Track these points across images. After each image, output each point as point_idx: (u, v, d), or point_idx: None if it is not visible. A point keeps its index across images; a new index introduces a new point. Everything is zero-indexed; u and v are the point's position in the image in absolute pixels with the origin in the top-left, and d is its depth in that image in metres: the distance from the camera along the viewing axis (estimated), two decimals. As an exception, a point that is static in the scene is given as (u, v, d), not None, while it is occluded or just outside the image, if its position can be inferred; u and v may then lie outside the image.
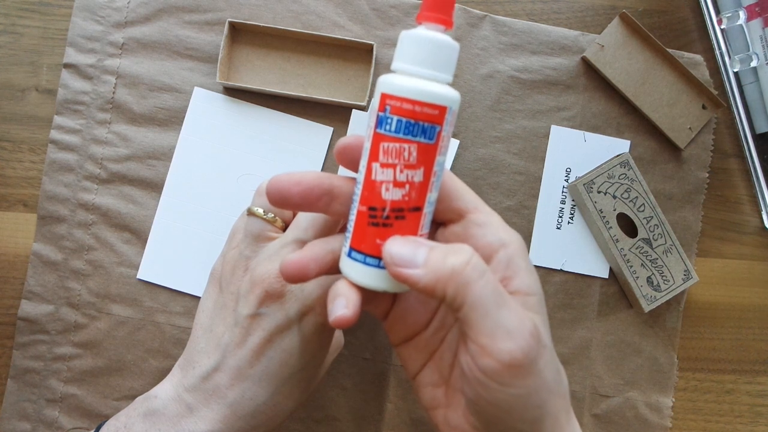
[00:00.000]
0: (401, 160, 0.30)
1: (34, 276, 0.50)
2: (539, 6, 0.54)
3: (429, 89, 0.29)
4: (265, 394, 0.38)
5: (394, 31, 0.52)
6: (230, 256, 0.41)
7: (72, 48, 0.51)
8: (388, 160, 0.30)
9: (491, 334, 0.29)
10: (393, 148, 0.30)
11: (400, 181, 0.30)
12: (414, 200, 0.30)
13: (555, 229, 0.52)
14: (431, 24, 0.30)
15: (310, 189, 0.32)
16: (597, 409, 0.52)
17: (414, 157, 0.30)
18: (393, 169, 0.30)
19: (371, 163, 0.30)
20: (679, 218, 0.53)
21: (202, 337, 0.40)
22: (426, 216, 0.31)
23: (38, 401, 0.50)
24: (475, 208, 0.33)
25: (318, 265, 0.33)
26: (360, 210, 0.31)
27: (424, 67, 0.30)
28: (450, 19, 0.30)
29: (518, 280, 0.32)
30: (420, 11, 0.30)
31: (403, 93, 0.29)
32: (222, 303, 0.40)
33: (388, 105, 0.29)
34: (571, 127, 0.53)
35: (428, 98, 0.29)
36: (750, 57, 0.52)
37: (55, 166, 0.51)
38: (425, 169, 0.30)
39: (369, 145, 0.31)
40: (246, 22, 0.50)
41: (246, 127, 0.51)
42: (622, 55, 0.52)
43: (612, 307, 0.53)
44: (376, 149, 0.30)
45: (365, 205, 0.31)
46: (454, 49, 0.30)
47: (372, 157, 0.30)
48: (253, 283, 0.38)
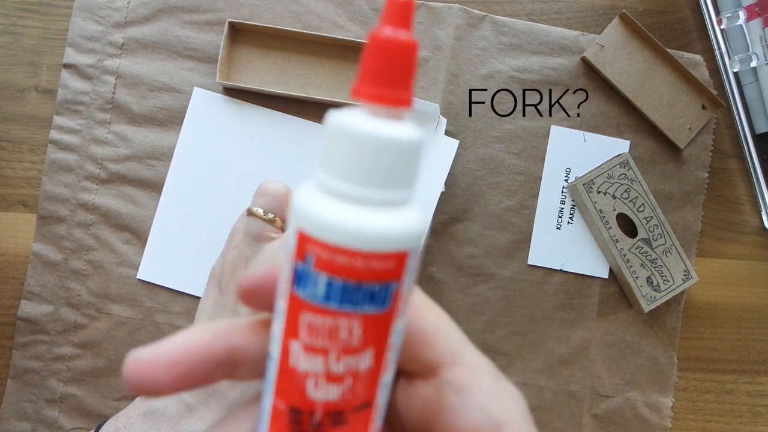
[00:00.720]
0: (337, 344, 0.19)
1: (34, 276, 0.50)
2: (539, 6, 0.54)
3: (380, 229, 0.18)
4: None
5: (394, 31, 0.52)
6: (230, 257, 0.41)
7: (72, 48, 0.51)
8: (315, 343, 0.19)
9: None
10: (323, 326, 0.19)
11: (337, 373, 0.19)
12: (360, 396, 0.20)
13: (555, 229, 0.52)
14: (379, 107, 0.19)
15: (190, 368, 0.20)
16: (597, 409, 0.52)
17: (358, 338, 0.19)
18: (324, 356, 0.19)
19: (288, 341, 0.19)
20: (678, 218, 0.53)
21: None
22: (379, 408, 0.21)
23: (38, 401, 0.50)
24: (453, 360, 0.21)
25: (180, 373, 0.20)
26: (277, 407, 0.20)
27: (368, 186, 0.18)
28: (409, 95, 0.19)
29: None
30: (359, 80, 0.19)
31: (336, 238, 0.18)
32: (222, 303, 0.40)
33: (311, 254, 0.18)
34: (570, 127, 0.53)
35: (379, 245, 0.18)
36: (750, 57, 0.52)
37: (55, 166, 0.51)
38: (376, 348, 0.19)
39: (284, 307, 0.19)
40: (246, 22, 0.50)
41: (246, 128, 0.51)
42: (621, 55, 0.52)
43: (612, 307, 0.53)
44: (295, 321, 0.19)
45: (284, 402, 0.20)
46: (416, 148, 0.19)
47: (289, 332, 0.19)
48: None
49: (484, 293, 0.52)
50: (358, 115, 0.19)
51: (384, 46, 0.18)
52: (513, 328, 0.52)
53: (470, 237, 0.52)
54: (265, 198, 0.40)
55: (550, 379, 0.52)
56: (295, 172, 0.51)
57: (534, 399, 0.52)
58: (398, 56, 0.18)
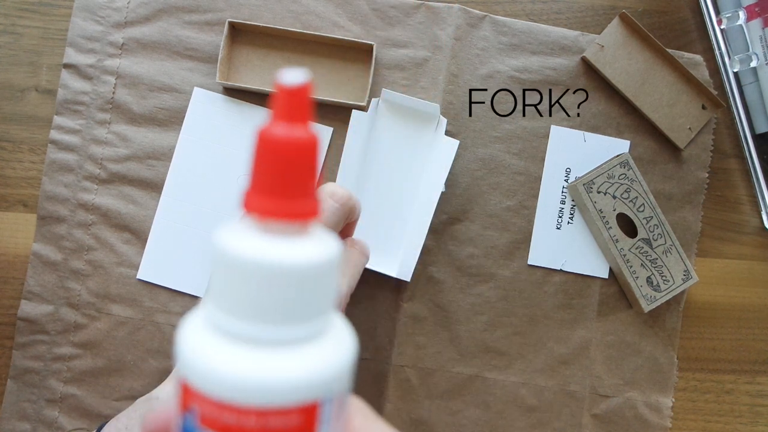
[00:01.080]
0: None
1: (33, 276, 0.50)
2: (539, 6, 0.54)
3: (275, 377, 0.14)
4: None
5: (394, 31, 0.52)
6: None
7: (72, 48, 0.51)
8: None
9: None
10: None
11: None
12: None
13: (555, 229, 0.52)
14: (272, 222, 0.15)
15: None
16: (597, 409, 0.52)
17: None
18: None
19: None
20: (678, 218, 0.53)
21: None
22: None
23: (38, 401, 0.50)
24: None
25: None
26: None
27: (258, 322, 0.15)
28: (311, 203, 0.16)
29: None
30: (248, 191, 0.16)
31: (219, 389, 0.14)
32: None
33: (194, 408, 0.15)
34: (570, 127, 0.53)
35: (275, 398, 0.14)
36: (750, 57, 0.52)
37: (54, 166, 0.51)
38: None
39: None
40: (246, 22, 0.50)
41: (246, 128, 0.51)
42: (621, 55, 0.52)
43: (612, 307, 0.53)
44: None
45: None
46: (320, 271, 0.15)
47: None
48: None
49: (484, 293, 0.52)
50: (249, 234, 0.15)
51: (276, 148, 0.15)
52: (513, 328, 0.52)
53: (470, 237, 0.52)
54: None
55: (550, 379, 0.52)
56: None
57: (534, 399, 0.52)
58: (294, 159, 0.15)
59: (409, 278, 0.49)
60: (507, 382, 0.52)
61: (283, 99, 0.15)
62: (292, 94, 0.16)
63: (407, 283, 0.51)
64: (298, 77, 0.15)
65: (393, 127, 0.50)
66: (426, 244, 0.51)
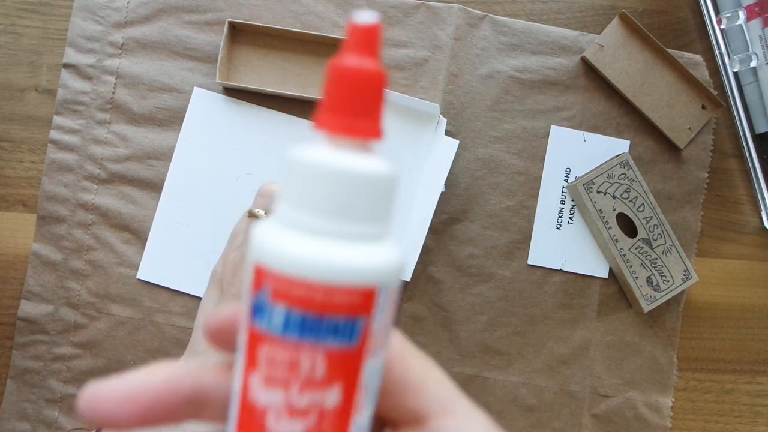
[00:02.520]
0: (298, 377, 0.18)
1: (33, 276, 0.50)
2: (539, 6, 0.54)
3: (341, 261, 0.17)
4: None
5: (394, 31, 0.52)
6: (231, 258, 0.41)
7: (72, 48, 0.51)
8: (275, 375, 0.18)
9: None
10: (282, 358, 0.18)
11: (299, 408, 0.18)
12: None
13: (555, 229, 0.52)
14: (343, 138, 0.18)
15: (155, 404, 0.19)
16: (597, 409, 0.52)
17: (321, 372, 0.18)
18: (284, 390, 0.18)
19: (248, 374, 0.18)
20: (678, 218, 0.53)
21: (202, 338, 0.40)
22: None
23: (38, 401, 0.50)
24: (443, 409, 0.20)
25: (138, 410, 0.19)
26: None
27: (332, 219, 0.17)
28: (378, 125, 0.18)
29: None
30: (321, 108, 0.18)
31: (293, 269, 0.17)
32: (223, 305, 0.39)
33: (267, 286, 0.17)
34: (570, 127, 0.53)
35: (341, 277, 0.17)
36: (749, 57, 0.52)
37: (54, 166, 0.51)
38: (345, 385, 0.18)
39: (244, 338, 0.18)
40: (246, 22, 0.50)
41: (246, 128, 0.51)
42: (621, 55, 0.52)
43: (611, 307, 0.53)
44: (254, 354, 0.18)
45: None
46: (388, 182, 0.18)
47: (249, 364, 0.18)
48: None
49: (484, 293, 0.52)
50: (321, 148, 0.17)
51: (349, 77, 0.17)
52: (513, 328, 0.52)
53: (470, 237, 0.52)
54: (266, 199, 0.40)
55: (550, 379, 0.52)
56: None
57: (534, 399, 0.52)
58: (363, 85, 0.17)
59: (409, 278, 0.49)
60: (507, 382, 0.52)
61: (355, 35, 0.17)
62: (364, 31, 0.17)
63: (407, 282, 0.51)
64: (371, 17, 0.17)
65: (393, 127, 0.50)
66: (426, 244, 0.51)
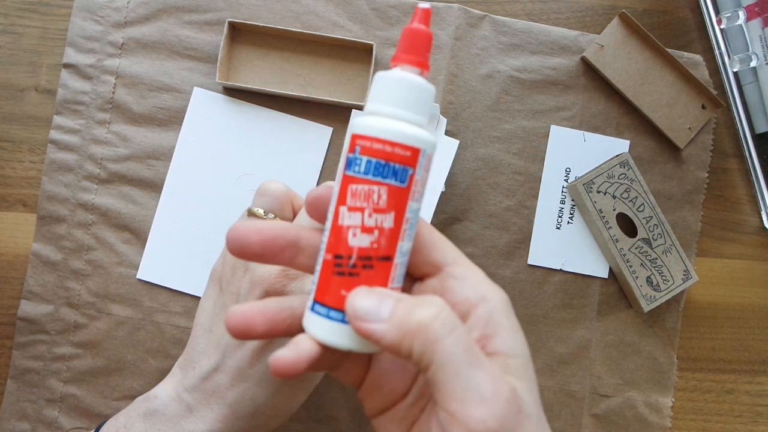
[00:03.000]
0: (370, 203, 0.28)
1: (33, 276, 0.50)
2: (539, 6, 0.54)
3: (401, 130, 0.27)
4: (265, 394, 0.38)
5: (394, 31, 0.52)
6: (230, 257, 0.41)
7: (72, 48, 0.51)
8: (356, 203, 0.28)
9: (462, 398, 0.25)
10: (362, 191, 0.28)
11: (369, 226, 0.28)
12: (384, 248, 0.28)
13: (555, 229, 0.52)
14: (407, 66, 0.29)
15: (272, 239, 0.29)
16: (597, 409, 0.52)
17: (384, 201, 0.28)
18: (361, 213, 0.28)
19: (339, 207, 0.28)
20: (678, 218, 0.53)
21: (201, 337, 0.40)
22: (397, 267, 0.29)
23: (38, 401, 0.50)
24: (454, 261, 0.30)
25: (267, 322, 0.30)
26: (325, 258, 0.28)
27: (397, 108, 0.28)
28: (426, 62, 0.29)
29: (499, 340, 0.28)
30: (396, 53, 0.29)
31: (373, 133, 0.28)
32: (222, 303, 0.40)
33: (358, 145, 0.28)
34: (570, 127, 0.53)
35: (400, 138, 0.27)
36: (749, 57, 0.52)
37: (54, 166, 0.51)
38: (396, 214, 0.28)
39: (338, 188, 0.29)
40: (246, 22, 0.50)
41: (246, 128, 0.51)
42: (621, 55, 0.52)
43: (611, 306, 0.53)
44: (344, 192, 0.28)
45: (331, 253, 0.28)
46: (430, 92, 0.29)
47: (340, 201, 0.28)
48: (253, 284, 0.38)
49: (484, 293, 0.52)
50: (396, 70, 0.29)
51: (412, 34, 0.29)
52: (513, 328, 0.52)
53: (470, 237, 0.52)
54: (265, 198, 0.40)
55: (549, 378, 0.52)
56: (295, 171, 0.51)
57: (534, 399, 0.52)
58: (420, 40, 0.29)
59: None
60: (507, 381, 0.52)
61: (418, 13, 0.29)
62: (423, 11, 0.29)
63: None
64: (427, 4, 0.29)
65: None
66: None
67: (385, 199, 0.28)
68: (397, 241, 0.28)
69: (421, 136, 0.28)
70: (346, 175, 0.28)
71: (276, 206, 0.40)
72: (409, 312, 0.26)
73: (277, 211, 0.40)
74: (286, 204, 0.41)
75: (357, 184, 0.28)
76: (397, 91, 0.28)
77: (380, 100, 0.29)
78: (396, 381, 0.32)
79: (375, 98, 0.29)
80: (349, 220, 0.28)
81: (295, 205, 0.42)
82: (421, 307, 0.26)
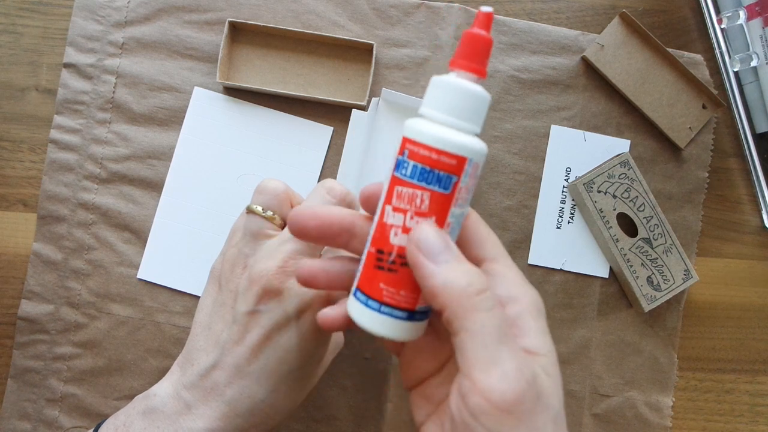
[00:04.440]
0: (413, 206, 0.29)
1: (34, 275, 0.50)
2: (539, 5, 0.54)
3: (448, 137, 0.28)
4: (264, 391, 0.38)
5: (394, 30, 0.52)
6: (230, 254, 0.41)
7: (72, 47, 0.51)
8: (400, 205, 0.29)
9: (486, 369, 0.27)
10: (406, 193, 0.29)
11: (410, 227, 0.29)
12: None
13: (555, 228, 0.52)
14: (463, 72, 0.29)
15: (329, 225, 0.32)
16: (597, 408, 0.52)
17: (426, 206, 0.29)
18: (404, 214, 0.29)
19: (385, 205, 0.30)
20: (679, 218, 0.53)
21: (200, 335, 0.40)
22: None
23: (38, 401, 0.50)
24: (494, 259, 0.32)
25: (327, 278, 0.33)
26: (370, 251, 0.31)
27: (449, 115, 0.29)
28: (484, 69, 0.29)
29: (527, 339, 0.30)
30: (453, 58, 0.30)
31: (422, 138, 0.28)
32: (221, 301, 0.40)
33: (407, 149, 0.29)
34: (571, 126, 0.53)
35: (446, 147, 0.28)
36: (750, 56, 0.52)
37: (55, 165, 0.51)
38: (437, 218, 0.29)
39: (386, 186, 0.30)
40: (246, 21, 0.50)
41: (246, 127, 0.51)
42: (622, 54, 0.52)
43: (612, 306, 0.53)
44: (391, 192, 0.30)
45: (374, 247, 0.30)
46: (485, 100, 0.29)
47: (387, 199, 0.30)
48: (251, 281, 0.38)
49: (485, 293, 0.52)
50: (452, 75, 0.29)
51: (472, 39, 0.29)
52: (513, 328, 0.52)
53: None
54: (264, 196, 0.40)
55: (550, 378, 0.52)
56: (295, 171, 0.51)
57: (534, 398, 0.52)
58: (480, 45, 0.29)
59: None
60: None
61: (479, 17, 0.29)
62: (484, 15, 0.29)
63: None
64: (489, 9, 0.29)
65: (393, 127, 0.50)
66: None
67: (428, 204, 0.29)
68: None
69: (468, 145, 0.29)
70: (395, 176, 0.30)
71: (275, 204, 0.40)
72: (461, 274, 0.28)
73: (276, 209, 0.40)
74: (285, 202, 0.41)
75: (402, 186, 0.29)
76: (449, 97, 0.29)
77: (433, 105, 0.29)
78: (427, 358, 0.34)
79: (428, 102, 0.30)
80: (393, 219, 0.30)
81: (294, 203, 0.42)
82: (474, 276, 0.29)
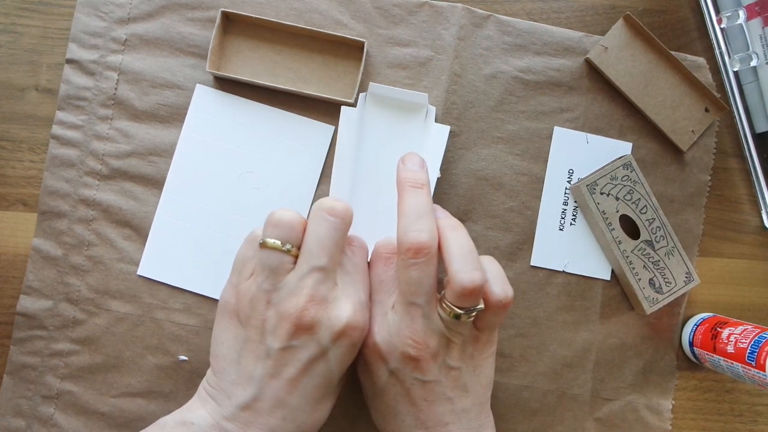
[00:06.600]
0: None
1: (33, 271, 0.50)
2: (538, 5, 0.54)
3: None
4: (305, 415, 0.39)
5: (397, 30, 0.52)
6: (246, 289, 0.40)
7: (75, 44, 0.51)
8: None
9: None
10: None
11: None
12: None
13: (557, 230, 0.52)
14: None
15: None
16: (599, 412, 0.52)
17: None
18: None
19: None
20: (680, 221, 0.53)
21: (230, 369, 0.40)
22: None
23: (34, 398, 0.49)
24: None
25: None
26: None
27: None
28: None
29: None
30: None
31: None
32: (245, 336, 0.40)
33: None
34: (573, 128, 0.53)
35: None
36: (750, 56, 0.52)
37: (56, 161, 0.50)
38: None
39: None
40: (238, 12, 0.50)
41: (248, 125, 0.51)
42: (625, 57, 0.52)
43: (614, 309, 0.53)
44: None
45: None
46: None
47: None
48: (280, 318, 0.38)
49: (487, 293, 0.52)
50: None
51: None
52: (516, 330, 0.52)
53: (473, 238, 0.51)
54: (280, 230, 0.39)
55: (552, 382, 0.52)
56: (296, 169, 0.51)
57: (536, 403, 0.52)
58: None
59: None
60: (510, 385, 0.52)
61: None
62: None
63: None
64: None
65: (382, 120, 0.50)
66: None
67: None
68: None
69: None
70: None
71: (292, 236, 0.40)
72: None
73: (294, 241, 0.40)
74: (300, 232, 0.40)
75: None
76: None
77: None
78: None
79: None
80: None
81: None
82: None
